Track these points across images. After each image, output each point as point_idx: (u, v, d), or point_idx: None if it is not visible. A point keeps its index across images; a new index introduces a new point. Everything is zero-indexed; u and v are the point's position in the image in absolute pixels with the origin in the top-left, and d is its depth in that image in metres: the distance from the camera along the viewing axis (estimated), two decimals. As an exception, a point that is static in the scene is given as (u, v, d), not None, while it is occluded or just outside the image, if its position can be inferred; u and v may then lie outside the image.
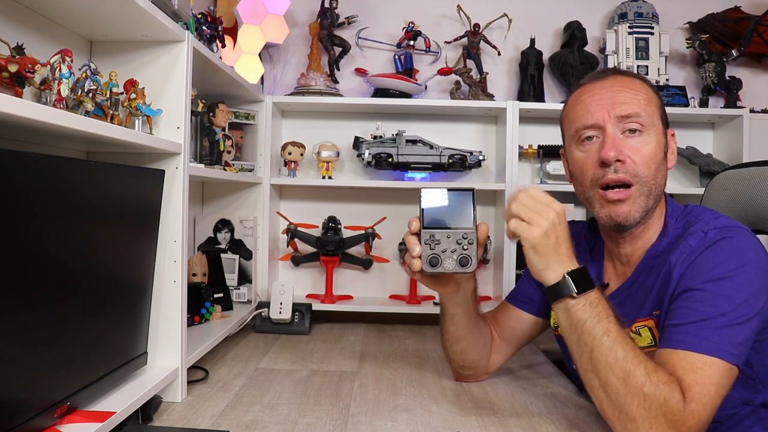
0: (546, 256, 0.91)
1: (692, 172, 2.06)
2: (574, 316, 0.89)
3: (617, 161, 0.96)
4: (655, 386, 0.81)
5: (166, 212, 1.11)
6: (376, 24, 2.13)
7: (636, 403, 0.81)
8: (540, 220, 0.90)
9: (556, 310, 0.93)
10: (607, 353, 0.85)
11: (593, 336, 0.86)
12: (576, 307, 0.89)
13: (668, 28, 2.09)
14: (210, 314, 1.55)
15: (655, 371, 0.82)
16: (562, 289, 0.90)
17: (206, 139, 1.47)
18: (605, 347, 0.85)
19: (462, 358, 1.20)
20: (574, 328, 0.89)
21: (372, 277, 2.07)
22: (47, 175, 0.75)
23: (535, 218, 0.91)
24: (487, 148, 2.04)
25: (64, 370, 0.84)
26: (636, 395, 0.81)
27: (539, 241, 0.90)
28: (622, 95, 0.99)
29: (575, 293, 0.89)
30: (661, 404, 0.80)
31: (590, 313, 0.88)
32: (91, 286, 0.89)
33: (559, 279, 0.90)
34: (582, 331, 0.88)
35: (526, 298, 1.24)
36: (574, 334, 0.89)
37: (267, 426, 1.01)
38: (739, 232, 0.93)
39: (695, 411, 0.80)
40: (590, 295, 0.89)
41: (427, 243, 0.97)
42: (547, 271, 0.92)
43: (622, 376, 0.83)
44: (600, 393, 0.86)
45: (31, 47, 0.84)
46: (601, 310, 0.88)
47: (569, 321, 0.90)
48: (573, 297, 0.89)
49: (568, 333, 0.91)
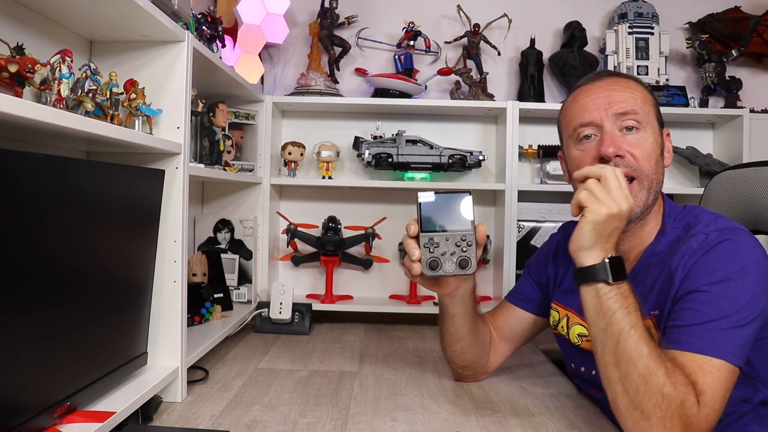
0: (598, 238, 0.90)
1: (692, 172, 2.06)
2: (605, 303, 0.88)
3: (617, 156, 0.97)
4: (674, 387, 0.80)
5: (166, 212, 1.11)
6: (376, 24, 2.13)
7: (653, 402, 0.81)
8: (612, 204, 0.88)
9: (584, 294, 0.91)
10: (633, 348, 0.84)
11: (621, 328, 0.85)
12: (609, 294, 0.88)
13: (668, 28, 2.09)
14: (210, 314, 1.55)
15: (674, 372, 0.82)
16: (598, 273, 0.89)
17: (206, 139, 1.47)
18: (632, 341, 0.84)
19: (461, 358, 1.20)
20: (603, 315, 0.88)
21: (372, 277, 2.07)
22: (47, 175, 0.75)
23: (609, 200, 0.89)
24: (487, 148, 2.04)
25: (64, 370, 0.84)
26: (655, 394, 0.81)
27: (603, 220, 0.88)
28: (618, 94, 1.00)
29: (610, 280, 0.88)
30: (677, 406, 0.80)
31: (621, 304, 0.87)
32: (91, 286, 0.89)
33: (597, 262, 0.89)
34: (611, 321, 0.87)
35: (526, 297, 1.24)
36: (602, 322, 0.88)
37: (267, 426, 1.01)
38: (739, 234, 0.93)
39: (709, 416, 0.81)
40: (623, 286, 0.89)
41: (426, 246, 0.97)
42: (590, 251, 0.90)
43: (644, 372, 0.82)
44: (618, 387, 0.85)
45: (31, 47, 0.84)
46: (631, 303, 0.87)
47: (598, 307, 0.89)
48: (608, 283, 0.88)
49: (594, 319, 0.90)
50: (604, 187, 0.90)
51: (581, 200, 0.91)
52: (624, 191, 0.90)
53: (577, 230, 0.92)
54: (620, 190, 0.90)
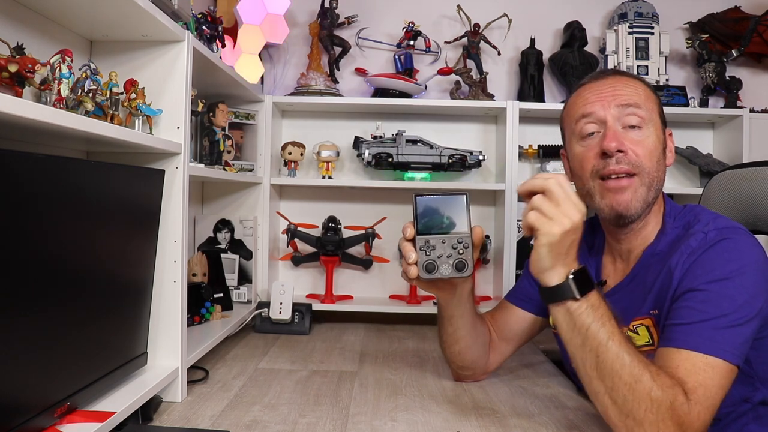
0: (557, 258, 0.86)
1: (692, 172, 2.06)
2: (577, 320, 0.86)
3: (619, 152, 0.96)
4: (662, 390, 0.80)
5: (166, 212, 1.11)
6: (376, 24, 2.13)
7: (644, 408, 0.80)
8: (563, 219, 0.84)
9: (555, 313, 0.90)
10: (614, 359, 0.83)
11: (599, 341, 0.84)
12: (579, 310, 0.86)
13: (668, 28, 2.09)
14: (210, 314, 1.55)
15: (659, 374, 0.82)
16: (564, 292, 0.87)
17: (206, 139, 1.47)
18: (612, 352, 0.83)
19: (461, 358, 1.20)
20: (578, 332, 0.86)
21: (372, 277, 2.07)
22: (47, 175, 0.75)
23: (559, 216, 0.84)
24: (487, 148, 2.04)
25: (64, 370, 0.84)
26: (643, 400, 0.80)
27: (558, 240, 0.85)
28: (622, 89, 1.00)
29: (578, 296, 0.86)
30: (667, 408, 0.80)
31: (593, 317, 0.85)
32: (91, 286, 0.89)
33: (561, 281, 0.87)
34: (586, 336, 0.85)
35: (526, 296, 1.24)
36: (578, 339, 0.86)
37: (267, 426, 1.01)
38: (738, 233, 0.93)
39: (700, 413, 0.80)
40: (591, 297, 0.87)
41: (423, 249, 0.96)
42: (551, 272, 0.88)
43: (629, 381, 0.81)
44: (605, 399, 0.84)
45: (31, 47, 0.84)
46: (603, 313, 0.86)
47: (571, 325, 0.87)
48: (575, 299, 0.86)
49: (569, 337, 0.88)
50: (551, 201, 0.85)
51: (531, 223, 0.86)
52: (572, 199, 0.86)
53: (533, 253, 0.88)
54: (568, 200, 0.85)
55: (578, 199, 0.87)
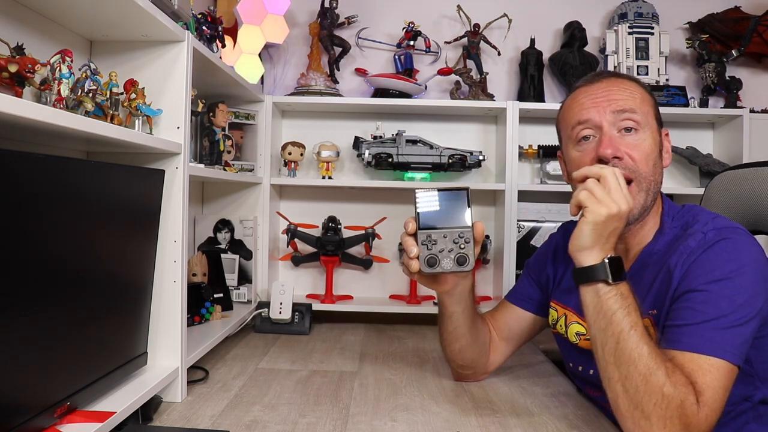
0: (597, 239, 0.90)
1: (692, 172, 2.06)
2: (605, 303, 0.88)
3: (615, 158, 0.97)
4: (674, 387, 0.81)
5: (166, 212, 1.11)
6: (376, 24, 2.13)
7: (653, 402, 0.81)
8: (611, 204, 0.89)
9: (584, 294, 0.92)
10: (633, 348, 0.84)
11: (621, 328, 0.86)
12: (608, 294, 0.88)
13: (668, 28, 2.09)
14: (210, 314, 1.55)
15: (674, 372, 0.82)
16: (598, 273, 0.89)
17: (206, 139, 1.47)
18: (632, 341, 0.84)
19: (461, 357, 1.20)
20: (603, 315, 0.88)
21: (372, 277, 2.07)
22: (47, 175, 0.75)
23: (608, 200, 0.89)
24: (487, 148, 2.04)
25: (64, 370, 0.84)
26: (655, 394, 0.81)
27: (602, 221, 0.89)
28: (617, 94, 1.00)
29: (610, 280, 0.88)
30: (677, 406, 0.80)
31: (621, 304, 0.87)
32: (91, 286, 0.89)
33: (597, 262, 0.90)
34: (611, 321, 0.87)
35: (526, 296, 1.24)
36: (602, 322, 0.88)
37: (267, 426, 1.01)
38: (737, 233, 0.94)
39: (708, 415, 0.81)
40: (622, 286, 0.89)
41: (424, 243, 0.97)
42: (589, 251, 0.90)
43: (644, 372, 0.82)
44: (618, 386, 0.85)
45: (31, 47, 0.84)
46: (630, 303, 0.88)
47: (598, 307, 0.89)
48: (607, 283, 0.88)
49: (594, 319, 0.90)
50: (603, 188, 0.90)
51: (581, 200, 0.91)
52: (623, 191, 0.90)
53: (576, 230, 0.92)
54: (620, 190, 0.90)
55: (629, 193, 0.91)
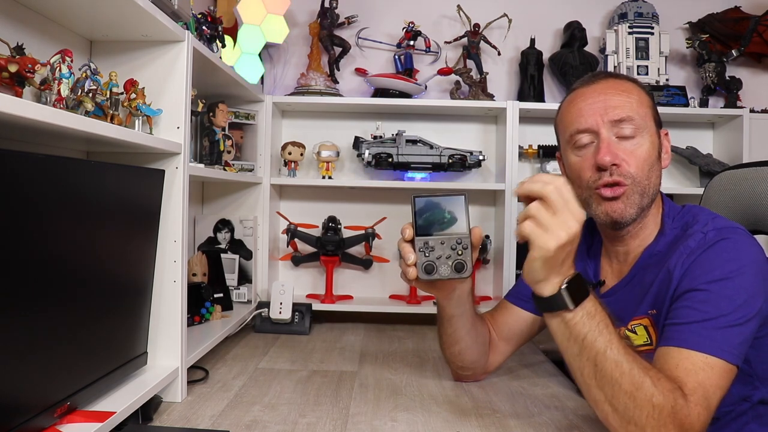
0: (550, 270, 0.83)
1: (692, 172, 2.06)
2: (572, 329, 0.83)
3: (613, 165, 0.97)
4: (663, 395, 0.79)
5: (166, 212, 1.11)
6: (376, 24, 2.13)
7: (645, 414, 0.80)
8: (559, 231, 0.80)
9: (550, 323, 0.87)
10: (613, 368, 0.81)
11: (596, 350, 0.82)
12: (574, 320, 0.83)
13: (668, 28, 2.09)
14: (210, 314, 1.55)
15: (659, 379, 0.81)
16: (558, 303, 0.84)
17: (206, 139, 1.47)
18: (610, 361, 0.81)
19: (461, 359, 1.20)
20: (574, 341, 0.84)
21: (372, 277, 2.07)
22: (47, 175, 0.75)
23: (555, 227, 0.80)
24: (487, 148, 2.04)
25: (64, 370, 0.84)
26: (645, 407, 0.80)
27: (553, 254, 0.80)
28: (614, 99, 0.99)
29: (571, 307, 0.83)
30: (669, 412, 0.79)
31: (590, 326, 0.83)
32: (91, 286, 0.89)
33: (554, 292, 0.84)
34: (583, 346, 0.83)
35: (525, 296, 1.24)
36: (574, 348, 0.84)
37: (267, 426, 1.01)
38: (737, 233, 0.94)
39: (700, 414, 0.80)
40: (586, 305, 0.84)
41: (422, 250, 0.96)
42: (545, 283, 0.84)
43: (630, 389, 0.80)
44: (606, 407, 0.83)
45: (31, 47, 0.84)
46: (599, 320, 0.84)
47: (567, 334, 0.85)
48: (569, 310, 0.83)
49: (565, 346, 0.86)
50: (548, 210, 0.81)
51: (527, 234, 0.82)
52: (570, 207, 0.81)
53: (526, 264, 0.85)
54: (566, 208, 0.81)
55: (577, 206, 0.82)
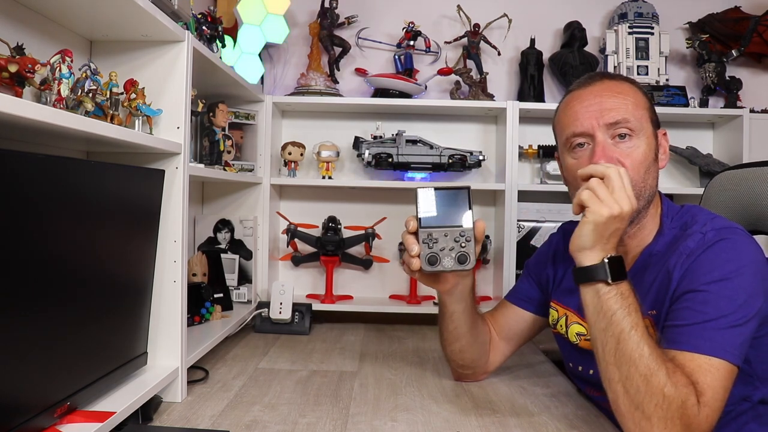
0: (598, 239, 0.89)
1: (692, 172, 2.06)
2: (605, 303, 0.88)
3: None
4: (675, 387, 0.80)
5: (166, 212, 1.11)
6: (376, 24, 2.13)
7: (654, 403, 0.81)
8: (613, 205, 0.87)
9: (584, 294, 0.91)
10: (634, 348, 0.83)
11: (621, 328, 0.85)
12: (608, 294, 0.88)
13: (668, 28, 2.09)
14: (210, 314, 1.55)
15: (675, 373, 0.82)
16: (598, 273, 0.89)
17: (206, 139, 1.47)
18: (632, 342, 0.84)
19: (461, 357, 1.20)
20: (603, 315, 0.88)
21: (372, 277, 2.07)
22: (47, 175, 0.75)
23: (610, 201, 0.88)
24: (487, 148, 2.04)
25: (64, 370, 0.84)
26: (656, 395, 0.81)
27: (604, 221, 0.88)
28: (609, 101, 0.99)
29: (609, 280, 0.88)
30: (678, 406, 0.80)
31: (621, 304, 0.87)
32: (91, 286, 0.89)
33: (596, 262, 0.89)
34: (611, 321, 0.86)
35: (526, 296, 1.24)
36: (602, 322, 0.88)
37: (267, 426, 1.01)
38: (736, 233, 0.94)
39: (709, 416, 0.81)
40: (622, 285, 0.88)
41: (425, 242, 0.97)
42: (590, 251, 0.90)
43: (645, 373, 0.82)
44: (618, 387, 0.85)
45: (31, 47, 0.84)
46: (630, 303, 0.87)
47: (598, 307, 0.89)
48: (607, 283, 0.88)
49: (594, 319, 0.90)
50: (606, 187, 0.89)
51: (583, 200, 0.90)
52: (627, 191, 0.89)
53: (577, 230, 0.91)
54: (623, 190, 0.89)
55: (632, 194, 0.90)
